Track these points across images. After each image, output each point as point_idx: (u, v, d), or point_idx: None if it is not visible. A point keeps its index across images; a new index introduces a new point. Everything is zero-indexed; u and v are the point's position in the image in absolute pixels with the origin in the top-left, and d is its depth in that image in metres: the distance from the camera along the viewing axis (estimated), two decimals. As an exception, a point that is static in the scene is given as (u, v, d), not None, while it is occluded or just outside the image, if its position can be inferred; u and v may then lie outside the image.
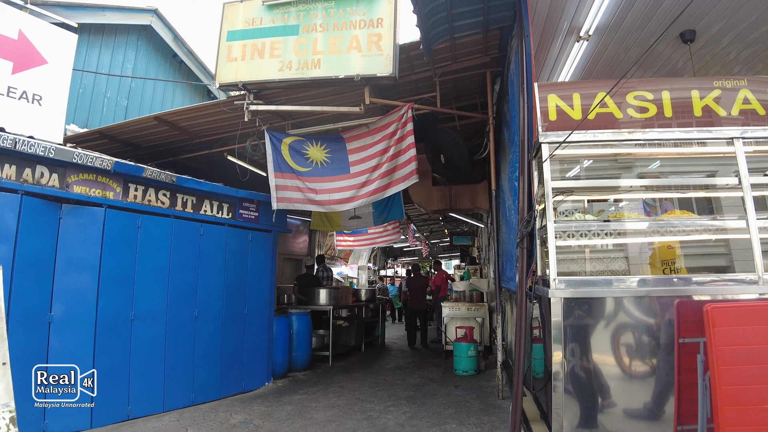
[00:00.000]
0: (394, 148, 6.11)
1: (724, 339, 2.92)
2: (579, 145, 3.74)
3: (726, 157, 3.85)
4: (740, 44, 5.37)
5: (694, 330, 3.34)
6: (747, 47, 5.42)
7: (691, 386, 3.34)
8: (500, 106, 6.45)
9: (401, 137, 6.05)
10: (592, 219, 3.91)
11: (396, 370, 8.45)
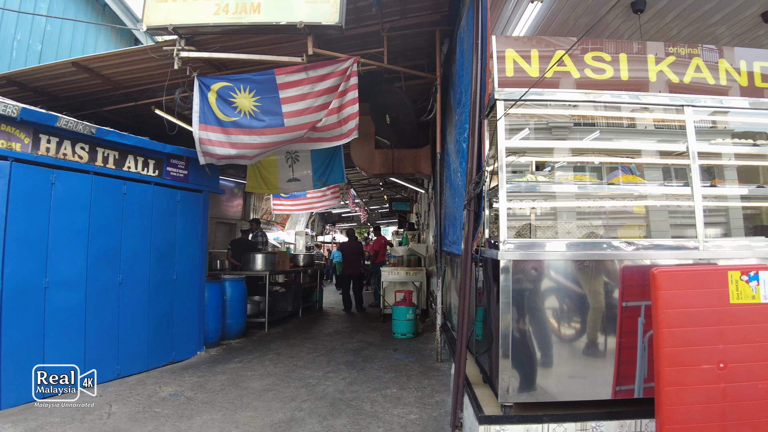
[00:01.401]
0: (337, 101, 5.74)
1: (668, 302, 2.96)
2: (534, 104, 3.62)
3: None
4: (683, 21, 5.46)
5: (637, 294, 3.40)
6: (689, 24, 5.54)
7: (631, 348, 3.42)
8: (448, 68, 6.27)
9: (344, 91, 5.70)
10: (544, 180, 3.85)
11: (334, 335, 8.34)
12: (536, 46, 3.55)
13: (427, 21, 5.93)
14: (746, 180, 4.30)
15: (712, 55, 3.80)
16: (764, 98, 3.85)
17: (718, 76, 3.78)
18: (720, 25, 5.56)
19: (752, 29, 5.61)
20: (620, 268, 3.42)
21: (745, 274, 3.03)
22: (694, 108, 3.68)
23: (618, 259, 3.44)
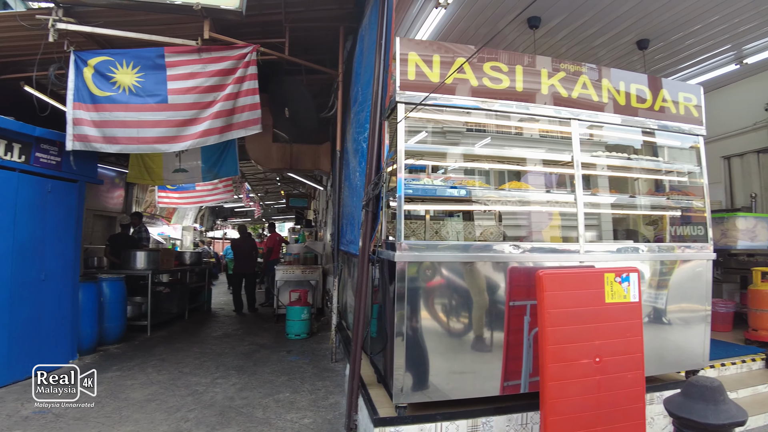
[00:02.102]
0: (233, 87, 5.36)
1: (552, 302, 3.15)
2: (433, 109, 3.68)
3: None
4: (572, 40, 5.93)
5: (523, 294, 3.60)
6: (577, 44, 6.03)
7: (518, 345, 3.61)
8: (350, 65, 6.21)
9: (242, 78, 5.37)
10: (440, 184, 3.93)
11: (224, 338, 7.92)
12: (438, 51, 3.61)
13: (331, 16, 5.83)
14: (618, 189, 4.76)
15: (595, 74, 4.14)
16: (638, 117, 4.29)
17: (601, 93, 4.14)
18: (602, 48, 6.12)
19: (628, 54, 6.25)
20: (508, 269, 3.61)
21: (619, 276, 3.34)
22: (579, 121, 3.99)
23: (506, 261, 3.62)
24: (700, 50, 6.34)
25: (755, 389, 4.74)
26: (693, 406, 2.39)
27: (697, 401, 2.40)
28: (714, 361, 4.85)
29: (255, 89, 5.43)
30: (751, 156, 7.73)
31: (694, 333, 4.33)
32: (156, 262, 8.51)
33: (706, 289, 4.38)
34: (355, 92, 5.35)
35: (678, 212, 4.82)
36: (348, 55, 6.37)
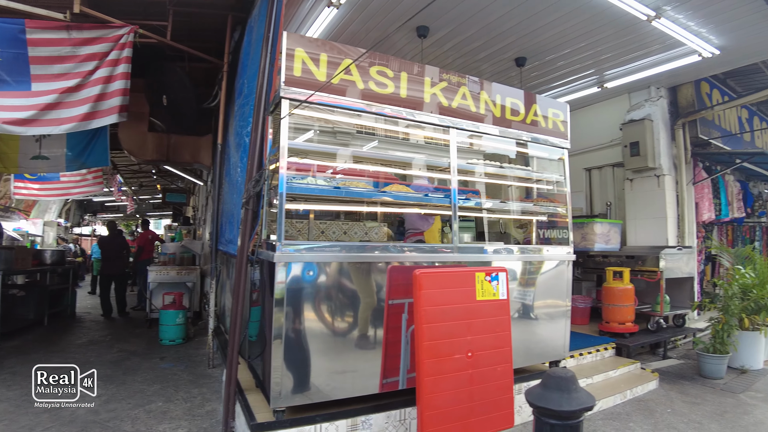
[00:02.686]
0: (105, 71, 4.89)
1: (428, 300, 3.27)
2: (317, 108, 3.65)
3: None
4: (457, 52, 6.22)
5: (402, 292, 3.70)
6: (462, 56, 6.34)
7: (397, 342, 3.70)
8: (237, 56, 5.96)
9: (116, 61, 4.91)
10: (324, 183, 3.90)
11: (89, 346, 7.18)
12: (327, 50, 3.58)
13: (220, 3, 5.53)
14: (493, 195, 5.08)
15: (475, 86, 4.38)
16: (511, 129, 4.60)
17: (479, 105, 4.38)
18: (485, 62, 6.50)
19: (508, 70, 6.71)
20: (388, 269, 3.69)
21: (489, 275, 3.56)
22: (457, 130, 4.19)
23: (386, 261, 3.70)
24: (569, 72, 6.99)
25: (607, 375, 5.33)
26: (549, 396, 2.62)
27: (553, 391, 2.62)
28: (573, 352, 5.38)
29: (127, 73, 4.98)
30: (608, 169, 8.70)
31: (556, 327, 4.76)
32: (8, 262, 7.49)
33: (567, 287, 4.83)
34: (240, 84, 5.15)
35: (544, 217, 5.26)
36: (236, 46, 6.11)
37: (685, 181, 7.74)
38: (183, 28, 5.98)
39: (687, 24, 5.36)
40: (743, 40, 5.78)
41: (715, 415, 4.56)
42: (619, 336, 6.18)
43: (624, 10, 4.92)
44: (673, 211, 7.63)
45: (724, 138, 8.60)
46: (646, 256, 6.80)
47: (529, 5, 5.02)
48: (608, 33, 5.63)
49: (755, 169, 9.07)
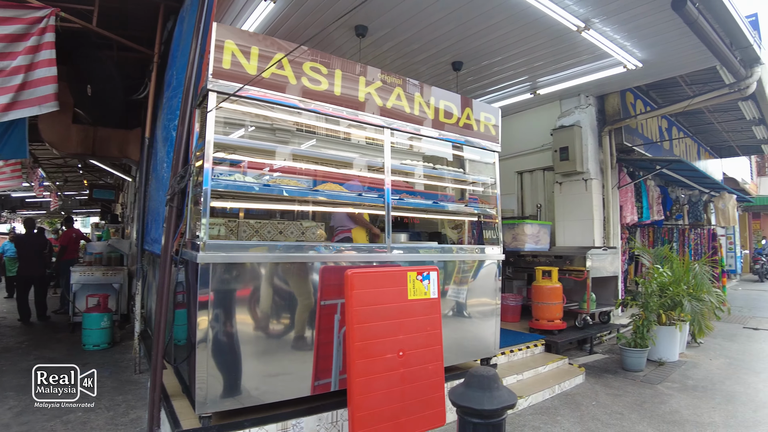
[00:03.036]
0: (23, 58, 4.51)
1: (359, 300, 3.25)
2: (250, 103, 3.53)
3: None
4: (396, 53, 6.23)
5: (335, 292, 3.66)
6: (400, 57, 6.35)
7: (329, 343, 3.65)
8: (168, 47, 5.70)
9: (36, 47, 4.55)
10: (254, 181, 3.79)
11: (3, 354, 6.65)
12: (259, 44, 3.47)
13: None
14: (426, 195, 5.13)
15: (412, 88, 4.41)
16: (445, 131, 4.66)
17: (414, 106, 4.41)
18: (423, 65, 6.55)
19: (445, 73, 6.79)
20: (320, 269, 3.63)
21: (420, 275, 3.58)
22: (391, 130, 4.20)
23: (319, 261, 3.65)
24: (504, 78, 7.18)
25: (536, 371, 5.51)
26: (472, 395, 2.65)
27: (476, 390, 2.66)
28: (505, 348, 5.53)
29: (52, 60, 4.64)
30: (539, 173, 9.03)
31: (487, 325, 4.87)
32: None
33: (497, 286, 4.97)
34: (170, 76, 4.93)
35: (476, 218, 5.37)
36: (167, 36, 5.84)
37: (610, 185, 8.15)
38: (113, 15, 5.66)
39: (614, 37, 5.64)
40: (664, 54, 6.16)
41: (635, 405, 4.83)
42: (548, 333, 6.42)
43: (556, 20, 5.10)
44: (599, 213, 8.01)
45: (646, 145, 9.15)
46: (574, 256, 7.10)
47: (466, 11, 5.11)
48: (541, 41, 5.83)
49: (673, 175, 9.72)
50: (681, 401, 4.94)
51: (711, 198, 12.78)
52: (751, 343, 7.84)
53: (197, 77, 3.56)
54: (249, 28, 5.40)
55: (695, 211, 11.94)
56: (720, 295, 7.17)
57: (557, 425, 4.35)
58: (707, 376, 5.84)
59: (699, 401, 4.95)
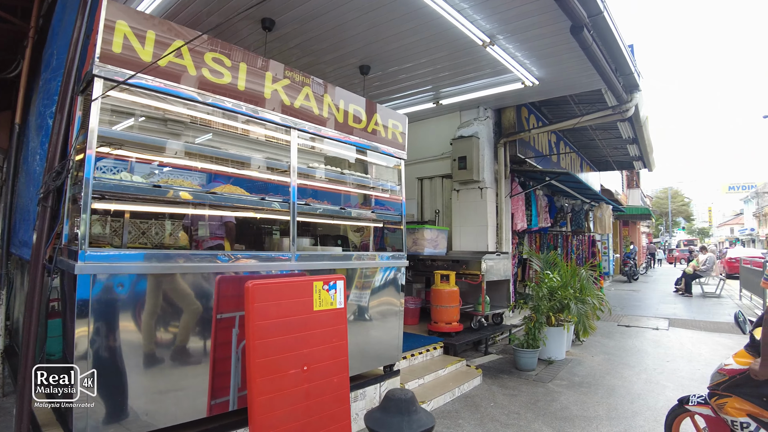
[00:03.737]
0: None
1: (261, 314, 3.02)
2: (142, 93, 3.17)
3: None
4: (302, 51, 6.02)
5: (233, 305, 3.40)
6: (307, 56, 6.14)
7: (226, 359, 3.39)
8: (49, 22, 5.03)
9: None
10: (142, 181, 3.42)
11: None
12: (156, 28, 3.11)
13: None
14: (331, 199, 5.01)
15: (319, 88, 4.27)
16: (353, 136, 4.60)
17: (322, 108, 4.27)
18: (330, 65, 6.41)
19: (351, 76, 6.71)
20: (216, 279, 3.35)
21: (327, 284, 3.44)
22: (299, 131, 4.03)
23: (214, 271, 3.36)
24: (410, 85, 7.27)
25: (437, 374, 5.61)
26: (390, 420, 2.57)
27: (394, 415, 2.59)
28: (406, 353, 5.56)
29: None
30: (438, 180, 9.31)
31: (391, 332, 4.85)
32: None
33: (401, 291, 4.97)
34: (49, 55, 4.35)
35: (381, 224, 5.35)
36: (48, 9, 5.15)
37: (503, 194, 8.59)
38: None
39: (515, 54, 5.92)
40: (558, 74, 6.60)
41: (529, 404, 5.09)
42: (446, 335, 6.59)
43: (464, 33, 5.22)
44: (493, 220, 8.40)
45: (537, 158, 9.80)
46: (470, 261, 7.38)
47: (377, 15, 5.07)
48: (448, 52, 5.95)
49: (560, 186, 10.50)
50: (570, 397, 5.31)
51: (591, 207, 14.05)
52: (625, 339, 8.69)
53: (81, 60, 3.14)
54: (145, 10, 4.92)
55: (577, 219, 13.03)
56: (601, 297, 7.85)
57: (459, 429, 4.44)
58: (590, 372, 6.35)
59: (585, 396, 5.35)
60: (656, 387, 5.71)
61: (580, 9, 4.49)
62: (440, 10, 4.74)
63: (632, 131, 10.91)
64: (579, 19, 4.59)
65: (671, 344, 8.18)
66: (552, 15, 4.83)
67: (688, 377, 6.09)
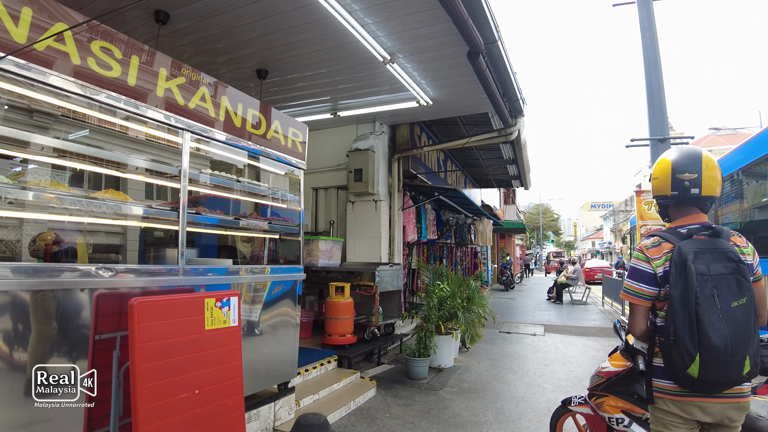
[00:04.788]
0: None
1: (147, 335, 2.73)
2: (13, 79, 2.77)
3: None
4: (196, 49, 5.67)
5: (114, 324, 3.04)
6: (200, 54, 5.79)
7: (106, 385, 3.02)
8: None
9: None
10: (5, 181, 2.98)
11: None
12: (34, 5, 2.75)
13: None
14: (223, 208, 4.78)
15: (215, 90, 4.05)
16: (252, 142, 4.43)
17: (219, 111, 4.06)
18: (225, 66, 6.12)
19: (248, 79, 6.46)
20: (94, 296, 2.99)
21: (219, 301, 3.20)
22: (192, 134, 3.78)
23: (91, 287, 3.00)
24: (308, 94, 7.19)
25: (332, 388, 5.54)
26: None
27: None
28: (300, 368, 5.42)
29: None
30: (333, 190, 9.32)
31: (286, 348, 4.69)
32: None
33: (297, 305, 4.84)
34: None
35: (277, 235, 5.20)
36: None
37: (396, 207, 8.82)
38: None
39: (412, 73, 6.12)
40: (452, 96, 6.95)
41: (423, 413, 5.20)
42: (340, 348, 6.55)
43: (365, 47, 5.27)
44: (386, 232, 8.58)
45: (427, 174, 10.22)
46: (364, 272, 7.45)
47: (277, 21, 4.94)
48: (348, 65, 5.98)
49: (447, 201, 11.03)
50: (461, 404, 5.52)
51: (473, 221, 14.94)
52: (507, 345, 9.28)
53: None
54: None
55: (461, 232, 13.77)
56: (486, 306, 8.33)
57: (354, 444, 4.42)
58: (478, 378, 6.67)
59: (474, 402, 5.60)
60: (537, 389, 6.16)
61: (478, 36, 4.77)
62: (344, 22, 4.74)
63: (513, 153, 11.83)
64: (476, 46, 4.87)
65: (548, 349, 8.92)
66: (451, 39, 5.07)
67: (564, 378, 6.65)
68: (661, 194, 2.28)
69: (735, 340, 1.94)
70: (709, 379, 1.97)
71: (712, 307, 1.95)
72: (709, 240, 2.11)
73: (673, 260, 2.06)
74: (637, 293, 2.17)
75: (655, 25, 12.47)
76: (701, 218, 2.23)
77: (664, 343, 2.10)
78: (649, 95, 8.98)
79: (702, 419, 2.09)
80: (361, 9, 4.66)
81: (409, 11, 4.70)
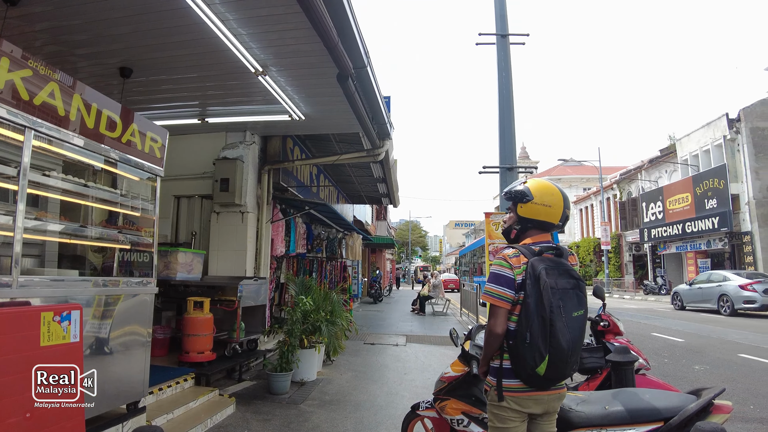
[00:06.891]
0: None
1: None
2: None
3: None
4: (50, 38, 5.08)
5: None
6: (54, 44, 5.20)
7: None
8: None
9: None
10: None
11: None
12: None
13: None
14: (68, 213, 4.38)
15: (70, 87, 3.71)
16: (105, 144, 4.12)
17: (71, 109, 3.73)
18: (85, 60, 5.57)
19: (109, 76, 5.91)
20: None
21: (58, 315, 2.94)
22: (36, 132, 3.43)
23: None
24: (174, 97, 6.82)
25: (188, 406, 5.29)
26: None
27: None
28: (153, 387, 5.10)
29: None
30: (197, 199, 8.87)
31: (135, 366, 4.39)
32: None
33: (148, 321, 4.57)
34: None
35: (128, 245, 4.83)
36: None
37: (264, 220, 8.68)
38: None
39: (285, 88, 6.15)
40: (323, 114, 7.10)
41: (283, 427, 5.16)
42: (198, 365, 6.26)
43: (237, 57, 5.19)
44: (252, 245, 8.40)
45: (299, 187, 10.22)
46: (226, 286, 7.21)
47: (145, 20, 4.63)
48: (219, 73, 5.82)
49: (318, 215, 11.15)
50: (321, 416, 5.57)
51: (344, 236, 15.21)
52: (370, 356, 9.55)
53: None
54: None
55: (332, 246, 13.94)
56: (349, 318, 8.50)
57: (209, 463, 4.25)
58: (339, 390, 6.78)
59: (335, 413, 5.69)
60: (396, 398, 6.43)
61: (347, 60, 4.96)
62: (216, 30, 4.64)
63: (382, 171, 12.32)
64: (345, 69, 5.06)
65: (408, 358, 9.36)
66: (324, 59, 5.17)
67: (421, 386, 7.02)
68: (547, 220, 2.59)
69: (575, 344, 2.32)
70: (553, 376, 2.32)
71: (559, 316, 2.28)
72: (556, 258, 2.47)
73: (529, 273, 2.38)
74: (500, 296, 2.42)
75: (510, 65, 13.96)
76: (547, 237, 2.62)
77: (513, 346, 2.40)
78: (501, 128, 10.01)
79: (534, 411, 2.43)
80: (235, 19, 4.61)
81: (284, 27, 4.76)
